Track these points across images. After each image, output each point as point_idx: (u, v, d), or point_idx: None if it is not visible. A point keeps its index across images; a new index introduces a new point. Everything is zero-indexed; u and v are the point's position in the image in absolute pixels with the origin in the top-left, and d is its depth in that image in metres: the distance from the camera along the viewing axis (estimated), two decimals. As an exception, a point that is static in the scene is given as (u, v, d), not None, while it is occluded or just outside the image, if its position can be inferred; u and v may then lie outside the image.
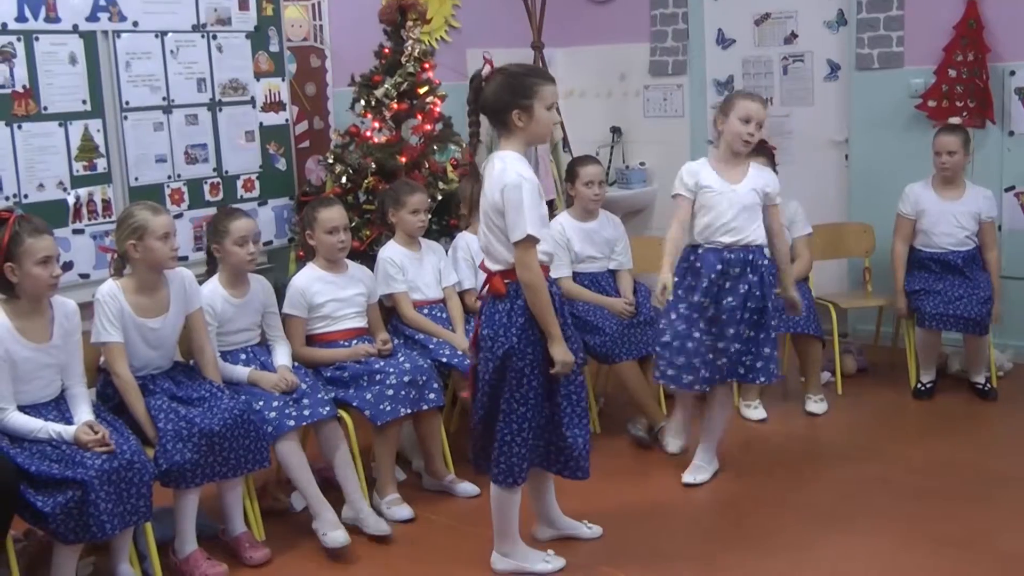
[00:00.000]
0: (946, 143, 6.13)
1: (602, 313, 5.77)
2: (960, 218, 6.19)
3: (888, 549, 4.45)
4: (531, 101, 3.97)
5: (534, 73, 4.12)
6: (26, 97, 5.38)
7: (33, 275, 4.08)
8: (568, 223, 5.90)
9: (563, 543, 4.51)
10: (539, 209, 3.96)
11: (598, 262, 5.97)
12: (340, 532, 4.56)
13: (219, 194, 6.16)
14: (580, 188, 5.97)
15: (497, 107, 4.02)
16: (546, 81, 4.04)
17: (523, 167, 3.99)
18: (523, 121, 3.99)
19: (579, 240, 5.90)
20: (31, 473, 3.92)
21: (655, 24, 8.03)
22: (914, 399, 6.24)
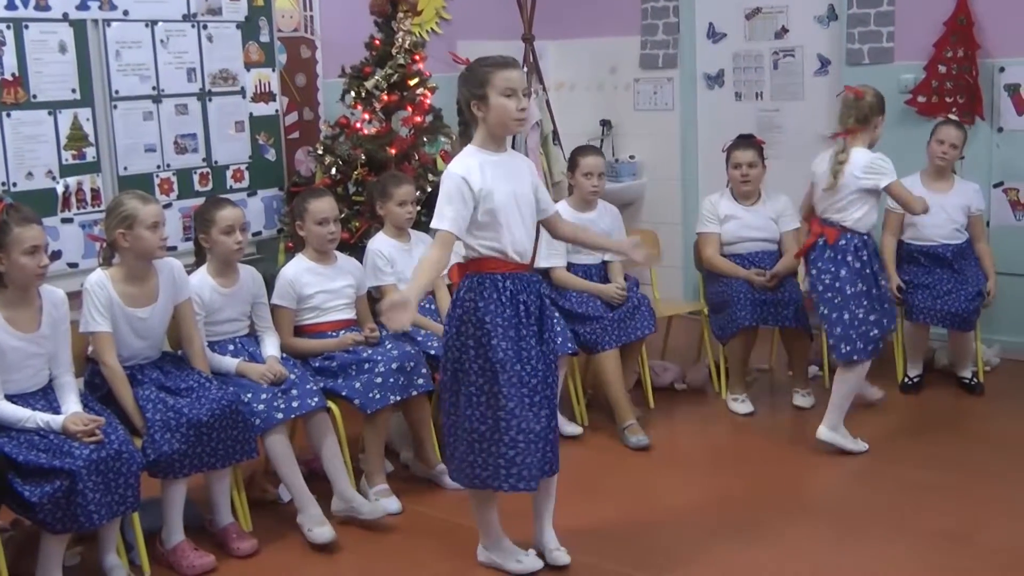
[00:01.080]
0: (950, 135, 6.17)
1: (592, 303, 5.79)
2: (950, 211, 6.21)
3: (875, 542, 4.47)
4: (484, 90, 3.92)
5: (488, 62, 3.99)
6: (15, 85, 5.37)
7: (20, 264, 4.07)
8: (566, 212, 5.89)
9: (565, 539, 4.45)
10: (452, 202, 3.89)
11: (593, 253, 5.96)
12: (326, 528, 4.56)
13: (208, 184, 6.15)
14: (579, 178, 6.00)
15: (462, 101, 4.01)
16: (500, 68, 3.94)
17: (465, 161, 3.96)
18: (481, 111, 3.95)
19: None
20: (18, 462, 3.91)
21: (646, 17, 8.03)
22: (901, 393, 6.26)
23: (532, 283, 4.09)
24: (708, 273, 6.37)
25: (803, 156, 7.26)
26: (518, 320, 4.01)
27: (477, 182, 3.91)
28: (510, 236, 3.99)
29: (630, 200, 8.22)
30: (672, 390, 6.46)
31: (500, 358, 3.95)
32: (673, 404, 6.30)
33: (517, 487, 4.02)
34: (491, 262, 4.00)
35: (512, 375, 3.97)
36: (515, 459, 3.98)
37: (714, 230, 6.28)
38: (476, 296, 3.99)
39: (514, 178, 4.05)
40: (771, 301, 5.99)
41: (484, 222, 3.96)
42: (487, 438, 4.00)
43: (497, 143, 4.03)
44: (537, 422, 4.02)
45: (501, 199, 3.96)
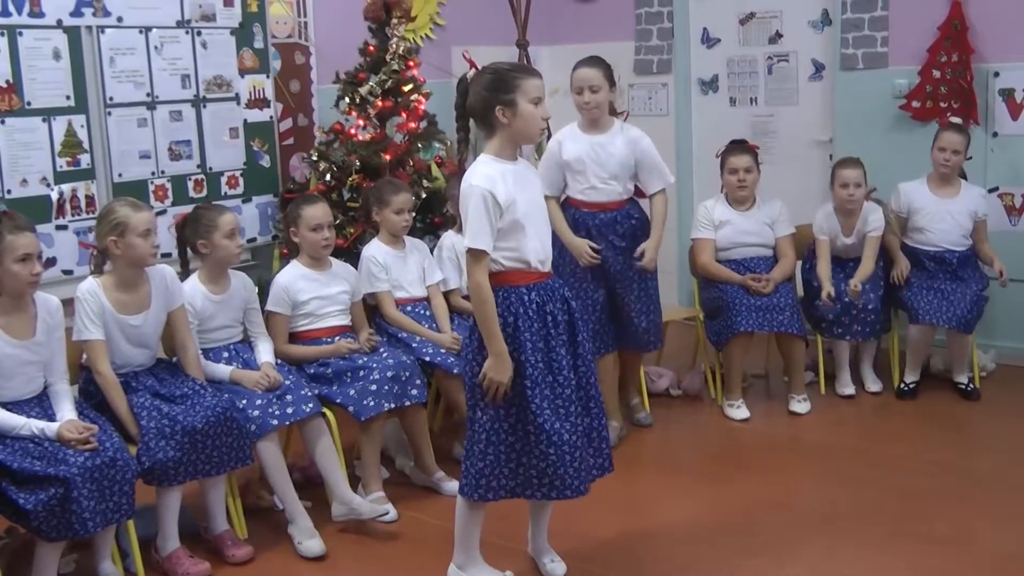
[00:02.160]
0: (953, 141, 6.17)
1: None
2: (957, 216, 6.23)
3: (871, 548, 4.46)
4: (513, 96, 3.83)
5: (516, 68, 3.97)
6: (9, 92, 5.36)
7: (12, 272, 4.07)
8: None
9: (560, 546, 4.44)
10: (485, 219, 3.81)
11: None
12: (315, 541, 4.57)
13: (203, 191, 6.14)
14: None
15: (481, 106, 3.90)
16: (529, 75, 3.89)
17: (486, 172, 3.86)
18: (507, 117, 3.85)
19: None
20: (13, 470, 3.90)
21: (640, 23, 8.03)
22: (897, 399, 6.26)
23: (556, 290, 4.02)
24: (703, 279, 6.37)
25: (797, 161, 7.33)
26: (547, 332, 3.95)
27: (502, 193, 3.82)
28: (532, 245, 3.92)
29: (625, 206, 8.20)
30: (667, 396, 6.46)
31: (531, 373, 3.89)
32: (668, 410, 6.28)
33: (564, 495, 3.98)
34: (515, 275, 3.92)
35: (544, 387, 3.92)
36: (546, 471, 3.92)
37: (709, 236, 6.27)
38: (503, 311, 3.90)
39: (530, 186, 3.98)
40: (767, 306, 5.99)
41: (508, 232, 3.87)
42: (518, 450, 3.95)
43: (512, 151, 3.95)
44: (572, 432, 3.93)
45: (524, 208, 3.88)
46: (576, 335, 4.05)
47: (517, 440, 3.95)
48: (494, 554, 4.30)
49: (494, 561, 4.25)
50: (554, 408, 3.92)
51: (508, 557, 4.38)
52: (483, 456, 3.96)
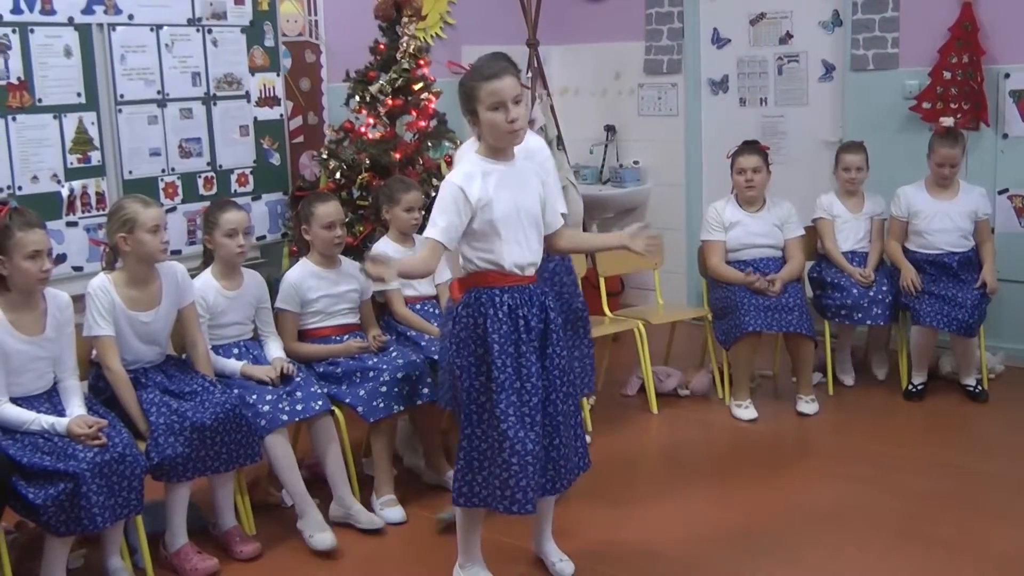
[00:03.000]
0: (949, 156, 6.15)
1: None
2: (956, 218, 6.22)
3: (878, 549, 4.46)
4: (473, 105, 3.82)
5: (473, 75, 3.85)
6: (21, 89, 5.37)
7: (22, 269, 4.08)
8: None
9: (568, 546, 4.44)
10: (446, 212, 3.81)
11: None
12: (327, 535, 4.57)
13: (213, 188, 6.15)
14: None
15: (466, 119, 3.93)
16: (484, 80, 3.79)
17: (466, 169, 3.87)
18: (476, 126, 3.87)
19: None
20: (23, 465, 3.92)
21: (650, 23, 8.04)
22: (905, 400, 6.25)
23: (535, 296, 3.96)
24: (712, 279, 6.37)
25: (807, 162, 7.33)
26: (517, 336, 3.89)
27: (476, 192, 3.81)
28: (508, 249, 3.87)
29: (633, 206, 8.24)
30: (675, 396, 6.46)
31: (498, 377, 3.84)
32: (676, 410, 6.29)
33: (511, 510, 3.88)
34: (488, 276, 3.89)
35: (511, 393, 3.85)
36: (508, 481, 3.85)
37: (719, 238, 6.28)
38: (474, 312, 3.88)
39: (520, 188, 3.92)
40: (775, 306, 5.99)
41: (481, 233, 3.85)
42: (487, 457, 3.90)
43: (500, 153, 3.91)
44: (535, 443, 3.85)
45: (502, 210, 3.84)
46: (548, 346, 3.97)
47: (488, 447, 3.90)
48: (505, 554, 4.34)
49: (504, 560, 4.28)
50: (519, 416, 3.85)
51: (520, 556, 4.41)
52: (459, 460, 3.96)
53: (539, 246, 4.00)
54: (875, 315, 6.23)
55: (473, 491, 3.95)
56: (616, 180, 8.23)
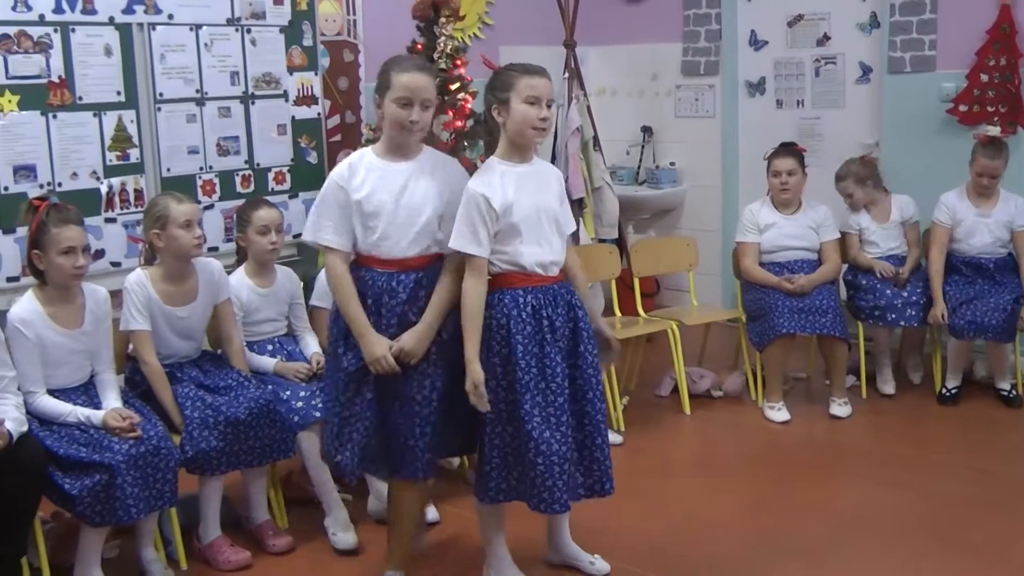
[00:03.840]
0: (989, 167, 6.10)
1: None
2: (994, 228, 6.19)
3: (906, 554, 4.45)
4: (507, 94, 3.83)
5: (515, 67, 3.90)
6: (62, 87, 5.45)
7: (57, 264, 4.16)
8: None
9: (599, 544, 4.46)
10: (474, 223, 3.80)
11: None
12: (349, 535, 4.60)
13: (250, 186, 6.21)
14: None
15: (485, 106, 3.93)
16: (525, 74, 3.84)
17: (486, 175, 3.87)
18: (502, 116, 3.86)
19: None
20: (59, 456, 3.99)
21: (688, 24, 8.04)
22: (939, 404, 6.22)
23: (559, 296, 3.95)
24: (746, 281, 6.37)
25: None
26: (541, 336, 3.88)
27: (498, 198, 3.81)
28: (529, 250, 3.88)
29: (669, 207, 8.24)
30: (708, 397, 6.47)
31: (522, 378, 3.84)
32: (709, 411, 6.30)
33: (539, 508, 3.90)
34: (511, 277, 3.89)
35: (536, 394, 3.85)
36: (535, 480, 3.85)
37: (753, 240, 6.28)
38: (498, 313, 3.86)
39: (540, 190, 3.93)
40: (809, 308, 5.99)
41: (503, 235, 3.85)
42: (511, 455, 3.91)
43: (520, 153, 3.92)
44: (561, 443, 3.84)
45: (523, 212, 3.85)
46: (579, 345, 3.97)
47: (511, 446, 3.90)
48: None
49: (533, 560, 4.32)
50: (544, 416, 3.84)
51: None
52: (488, 459, 3.94)
53: (561, 245, 4.00)
54: (908, 316, 6.20)
55: (510, 485, 3.95)
56: (652, 181, 8.23)
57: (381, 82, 3.90)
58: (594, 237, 6.95)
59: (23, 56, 5.31)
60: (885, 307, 6.21)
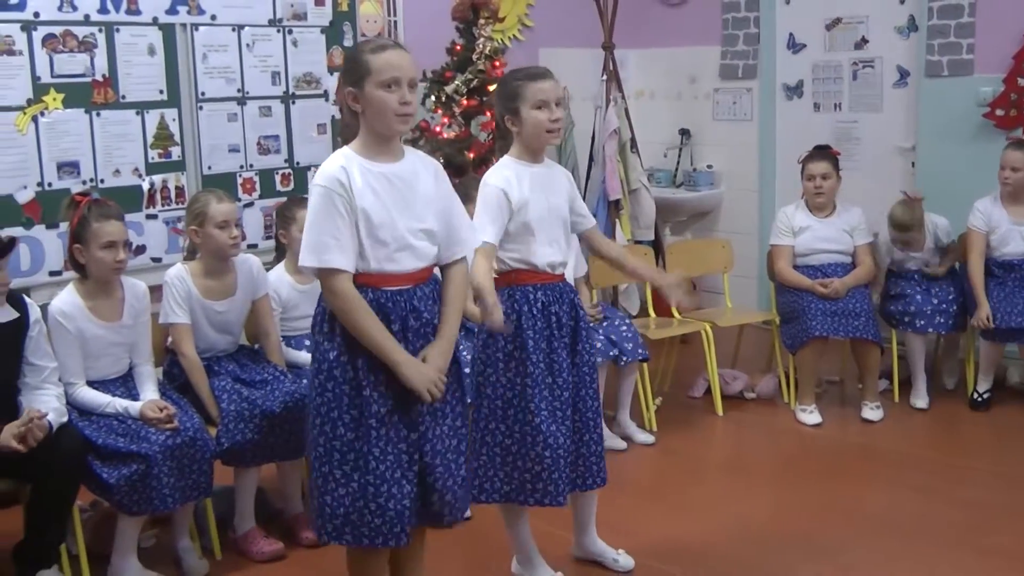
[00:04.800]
0: (1011, 159, 6.11)
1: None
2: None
3: (933, 556, 4.47)
4: (516, 104, 3.89)
5: (519, 75, 3.97)
6: (105, 86, 5.58)
7: (97, 258, 4.25)
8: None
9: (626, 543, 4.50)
10: (492, 214, 3.85)
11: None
12: None
13: (290, 184, 6.31)
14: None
15: (497, 114, 3.99)
16: (530, 80, 3.90)
17: (503, 173, 3.93)
18: (515, 125, 3.93)
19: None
20: (98, 445, 4.08)
21: (726, 27, 8.07)
22: (970, 409, 6.22)
23: (565, 293, 4.03)
24: (779, 283, 6.40)
25: (880, 168, 7.31)
26: (550, 332, 3.95)
27: (515, 194, 3.88)
28: (541, 249, 3.94)
29: (707, 210, 8.27)
30: (741, 399, 6.49)
31: (532, 372, 3.89)
32: (742, 413, 6.33)
33: (543, 502, 3.96)
34: (522, 274, 3.95)
35: (544, 388, 3.92)
36: (540, 474, 3.91)
37: (787, 243, 6.31)
38: (509, 308, 3.90)
39: (551, 191, 4.00)
40: (842, 312, 6.01)
41: (516, 233, 3.91)
42: (513, 452, 3.94)
43: (533, 155, 3.98)
44: (567, 436, 3.94)
45: (536, 211, 3.91)
46: (578, 343, 4.03)
47: (513, 442, 3.93)
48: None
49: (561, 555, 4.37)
50: (551, 410, 3.91)
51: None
52: (477, 455, 3.97)
53: (567, 246, 4.07)
54: (937, 323, 6.19)
55: (495, 487, 3.98)
56: (690, 184, 8.26)
57: (353, 70, 3.35)
58: (630, 238, 7.00)
59: (68, 55, 5.45)
60: (915, 313, 6.20)
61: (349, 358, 3.32)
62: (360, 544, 3.40)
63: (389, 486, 3.34)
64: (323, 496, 3.36)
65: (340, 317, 3.30)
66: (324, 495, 3.36)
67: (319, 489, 3.37)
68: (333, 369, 3.33)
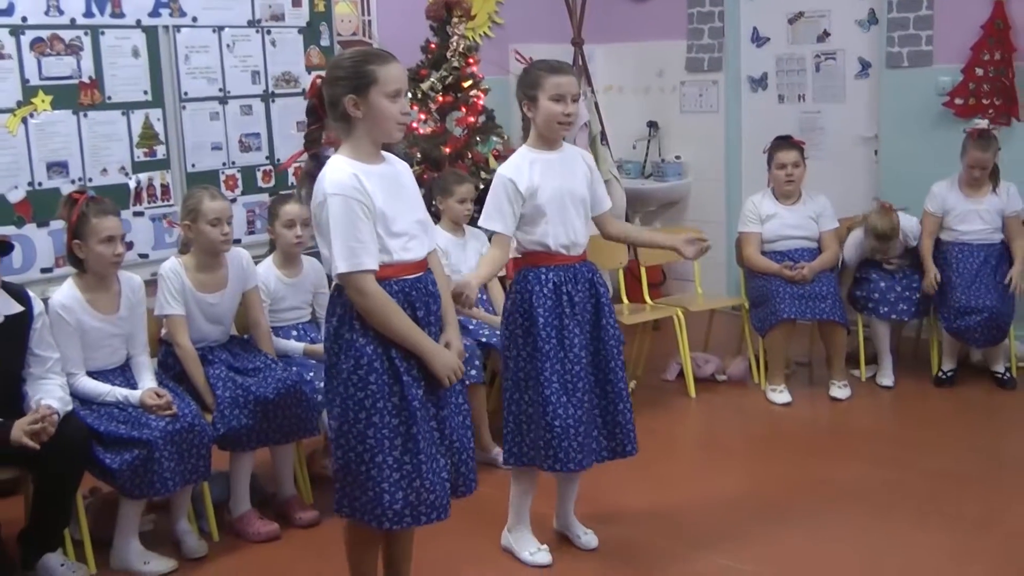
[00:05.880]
0: (980, 160, 6.30)
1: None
2: (986, 216, 6.38)
3: (903, 525, 4.65)
4: (535, 92, 4.10)
5: (542, 66, 4.18)
6: (92, 87, 5.71)
7: (97, 253, 4.40)
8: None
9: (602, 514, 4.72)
10: (504, 203, 4.11)
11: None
12: None
13: (271, 181, 6.46)
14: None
15: (518, 99, 4.20)
16: (551, 72, 4.11)
17: (515, 161, 4.17)
18: (531, 111, 4.15)
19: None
20: (100, 432, 4.25)
21: (692, 22, 8.25)
22: (935, 387, 6.43)
23: (580, 274, 4.23)
24: (749, 269, 6.60)
25: (843, 157, 7.52)
26: (561, 310, 4.16)
27: (524, 181, 4.10)
28: (553, 230, 4.15)
29: (675, 199, 8.46)
30: (713, 381, 6.68)
31: (542, 347, 4.13)
32: (714, 394, 6.52)
33: (555, 468, 4.18)
34: (536, 256, 4.18)
35: (555, 362, 4.13)
36: (551, 442, 4.13)
37: (755, 230, 6.50)
38: (522, 289, 4.18)
39: (566, 175, 4.20)
40: (808, 295, 6.21)
41: (530, 217, 4.14)
42: (533, 420, 4.19)
43: (548, 142, 4.20)
44: (577, 407, 4.14)
45: (548, 195, 4.12)
46: (601, 319, 4.26)
47: (533, 411, 4.17)
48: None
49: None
50: (562, 383, 4.13)
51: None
52: (506, 423, 4.25)
53: (584, 227, 4.26)
54: (900, 311, 6.40)
55: (522, 451, 4.24)
56: (658, 174, 8.44)
57: (355, 78, 3.47)
58: (601, 228, 7.16)
59: (55, 58, 5.58)
60: (878, 300, 6.42)
61: (384, 350, 3.45)
62: (418, 523, 3.57)
63: (434, 462, 3.52)
64: (379, 485, 3.46)
65: (369, 316, 3.42)
66: (380, 483, 3.46)
67: (373, 480, 3.46)
68: (372, 362, 3.44)
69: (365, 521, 3.55)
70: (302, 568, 4.49)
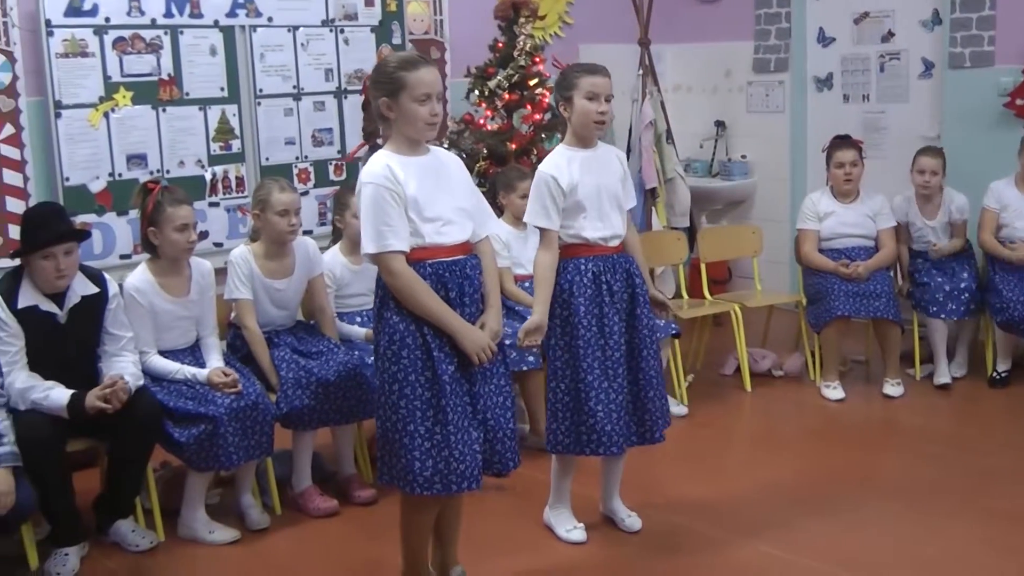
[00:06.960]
0: None
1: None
2: None
3: (939, 516, 4.74)
4: (571, 92, 4.28)
5: (578, 68, 4.37)
6: (170, 84, 5.98)
7: (171, 240, 4.66)
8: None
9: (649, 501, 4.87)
10: (548, 200, 4.26)
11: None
12: None
13: (342, 174, 6.70)
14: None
15: (554, 101, 4.39)
16: (586, 73, 4.29)
17: (554, 159, 4.34)
18: (567, 111, 4.32)
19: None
20: (170, 408, 4.51)
21: (759, 23, 8.34)
22: (989, 387, 6.46)
23: (618, 264, 4.38)
24: (806, 266, 6.70)
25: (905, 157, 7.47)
26: (600, 299, 4.32)
27: (565, 178, 4.27)
28: (591, 224, 4.32)
29: (740, 198, 8.56)
30: (769, 376, 6.78)
31: (582, 335, 4.29)
32: (770, 389, 6.63)
33: (597, 452, 4.35)
34: (575, 247, 4.33)
35: (596, 349, 4.30)
36: (594, 427, 4.30)
37: (813, 227, 6.61)
38: (563, 279, 4.33)
39: (602, 171, 4.37)
40: (864, 293, 6.29)
41: (569, 211, 4.30)
42: (570, 408, 4.35)
43: (584, 141, 4.37)
44: (618, 392, 4.32)
45: (586, 191, 4.28)
46: (636, 308, 4.40)
47: (571, 399, 4.33)
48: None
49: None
50: (603, 369, 4.30)
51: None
52: (552, 409, 4.41)
53: (620, 220, 4.42)
54: (949, 310, 6.41)
55: (558, 439, 4.41)
56: (725, 173, 8.54)
57: (388, 83, 3.71)
58: (666, 224, 7.29)
59: (136, 56, 5.86)
60: (929, 300, 6.46)
61: (416, 327, 3.67)
62: (448, 492, 3.75)
63: (464, 434, 3.70)
64: (411, 453, 3.68)
65: (399, 295, 3.66)
66: (412, 451, 3.67)
67: (405, 448, 3.68)
68: (405, 338, 3.66)
69: (399, 487, 3.78)
70: (359, 542, 4.69)
